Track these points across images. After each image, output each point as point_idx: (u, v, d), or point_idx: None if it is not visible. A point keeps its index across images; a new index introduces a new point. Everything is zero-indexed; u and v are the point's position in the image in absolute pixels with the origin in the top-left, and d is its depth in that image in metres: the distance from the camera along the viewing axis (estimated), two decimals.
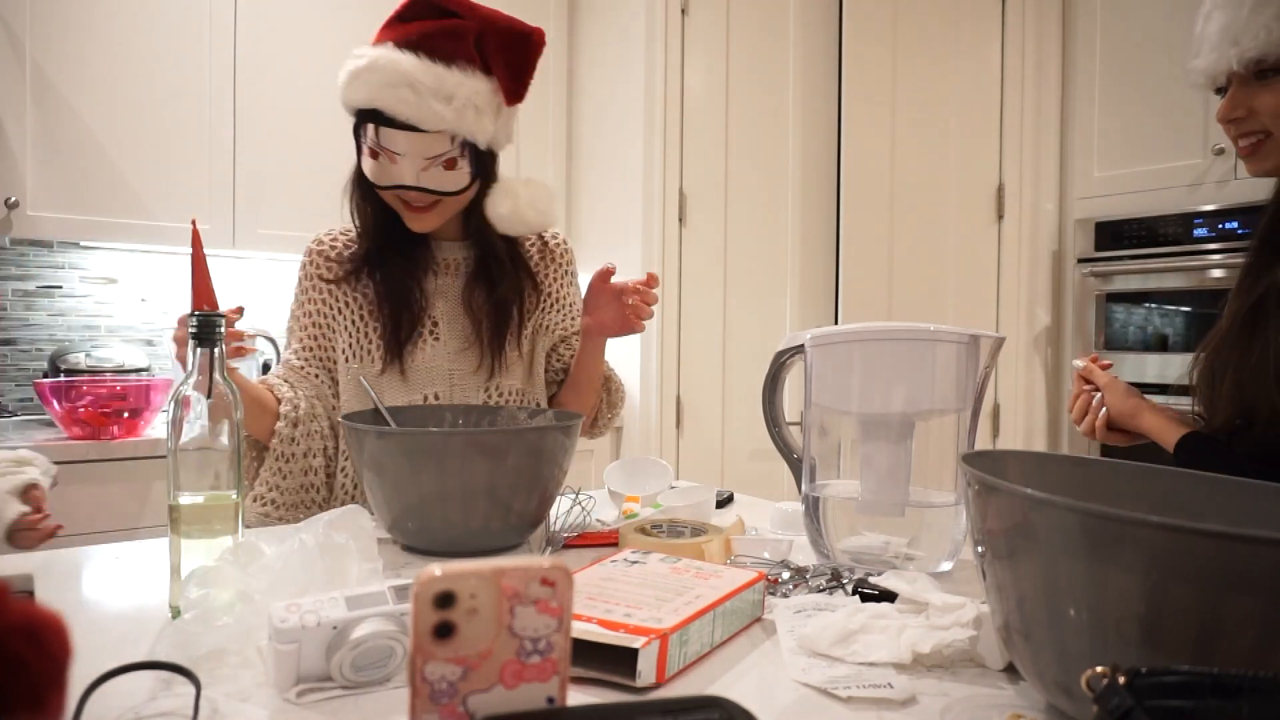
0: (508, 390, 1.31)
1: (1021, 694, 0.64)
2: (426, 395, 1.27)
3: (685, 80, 2.61)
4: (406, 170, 1.17)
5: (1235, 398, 1.04)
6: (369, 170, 1.21)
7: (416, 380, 1.27)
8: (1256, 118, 1.01)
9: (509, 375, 1.31)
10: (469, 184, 1.23)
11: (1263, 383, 1.00)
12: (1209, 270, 2.45)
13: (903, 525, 0.98)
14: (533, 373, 1.36)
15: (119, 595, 0.86)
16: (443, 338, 1.28)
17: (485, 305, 1.29)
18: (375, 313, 1.28)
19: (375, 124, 1.16)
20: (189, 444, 0.77)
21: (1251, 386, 1.01)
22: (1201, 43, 1.05)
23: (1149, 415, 1.21)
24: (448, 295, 1.31)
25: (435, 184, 1.19)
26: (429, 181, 1.19)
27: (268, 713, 0.60)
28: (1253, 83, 1.00)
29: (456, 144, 1.18)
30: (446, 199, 1.22)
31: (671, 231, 2.60)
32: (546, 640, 0.48)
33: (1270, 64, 0.98)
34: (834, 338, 1.02)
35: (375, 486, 0.98)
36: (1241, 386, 1.03)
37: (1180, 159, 2.55)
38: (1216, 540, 0.48)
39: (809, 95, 2.77)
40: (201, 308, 0.94)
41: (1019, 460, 0.77)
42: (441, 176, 1.19)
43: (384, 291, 1.27)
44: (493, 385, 1.30)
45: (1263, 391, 1.00)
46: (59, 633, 0.38)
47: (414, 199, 1.21)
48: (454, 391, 1.28)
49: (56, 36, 2.14)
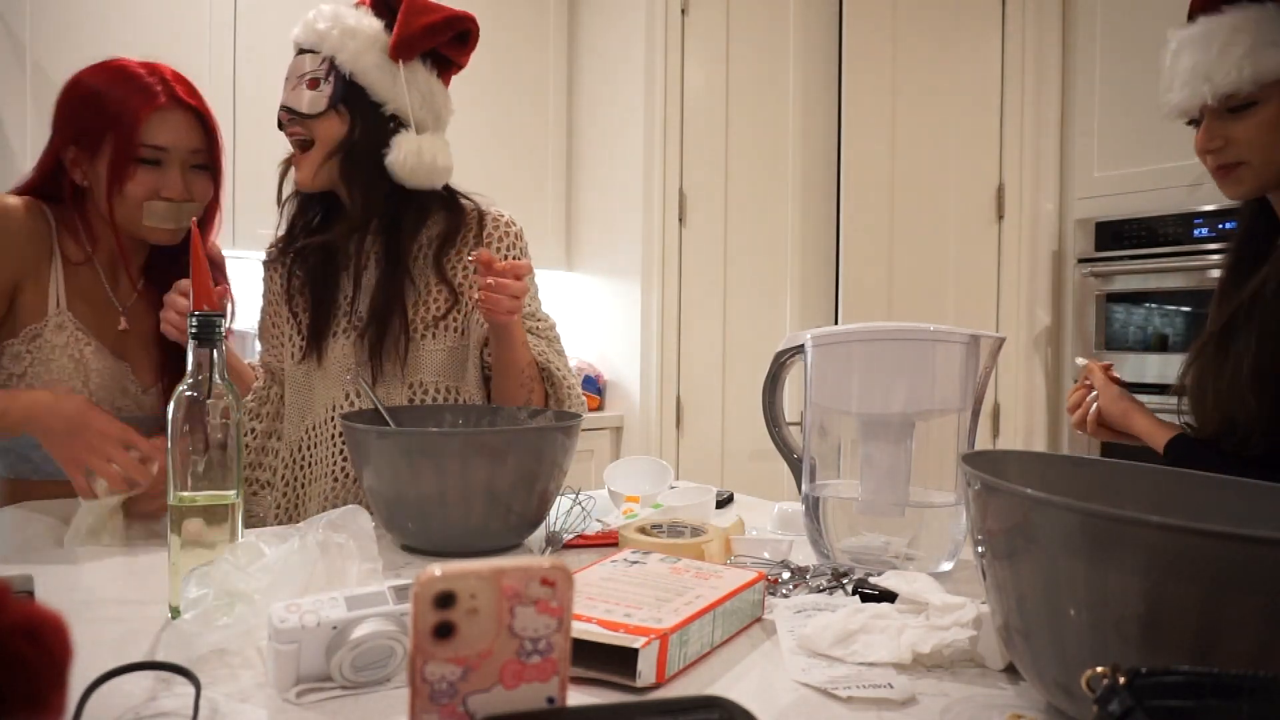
0: (429, 386, 1.26)
1: (1021, 694, 0.64)
2: (346, 391, 1.25)
3: (685, 80, 2.61)
4: (288, 94, 1.23)
5: (1217, 410, 1.09)
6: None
7: (336, 373, 1.26)
8: (1233, 147, 1.09)
9: (425, 369, 1.26)
10: (326, 108, 1.21)
11: (1238, 395, 1.05)
12: (1209, 270, 2.44)
13: (903, 525, 0.98)
14: (456, 367, 1.28)
15: (119, 595, 0.86)
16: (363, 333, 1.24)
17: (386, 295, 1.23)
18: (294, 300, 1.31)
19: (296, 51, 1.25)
20: (189, 444, 0.77)
21: (1229, 399, 1.07)
22: (1173, 78, 1.12)
23: (1139, 417, 1.26)
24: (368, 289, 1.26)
25: (295, 103, 1.22)
26: (292, 101, 1.22)
27: (268, 713, 0.60)
28: (1226, 115, 1.08)
29: (322, 64, 1.21)
30: (315, 133, 1.22)
31: (671, 231, 2.60)
32: (546, 640, 0.48)
33: (1241, 98, 1.06)
34: (834, 338, 1.01)
35: (375, 486, 0.98)
36: (1221, 398, 1.09)
37: (1180, 159, 2.55)
38: (1216, 540, 0.48)
39: (809, 95, 2.77)
40: (201, 308, 0.94)
41: (1019, 460, 0.77)
42: (302, 95, 1.22)
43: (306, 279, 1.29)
44: (413, 380, 1.25)
45: (1240, 403, 1.05)
46: (59, 633, 0.38)
47: (292, 135, 1.24)
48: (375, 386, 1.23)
49: (56, 36, 2.14)
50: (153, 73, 1.20)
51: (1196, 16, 1.11)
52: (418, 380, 1.26)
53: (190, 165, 1.22)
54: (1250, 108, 1.06)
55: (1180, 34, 1.12)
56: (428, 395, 1.26)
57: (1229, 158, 1.10)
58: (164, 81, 1.19)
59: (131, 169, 1.16)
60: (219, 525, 0.78)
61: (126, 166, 1.16)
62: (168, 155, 1.19)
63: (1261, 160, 1.07)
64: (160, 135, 1.17)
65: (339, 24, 1.21)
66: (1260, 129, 1.06)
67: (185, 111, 1.20)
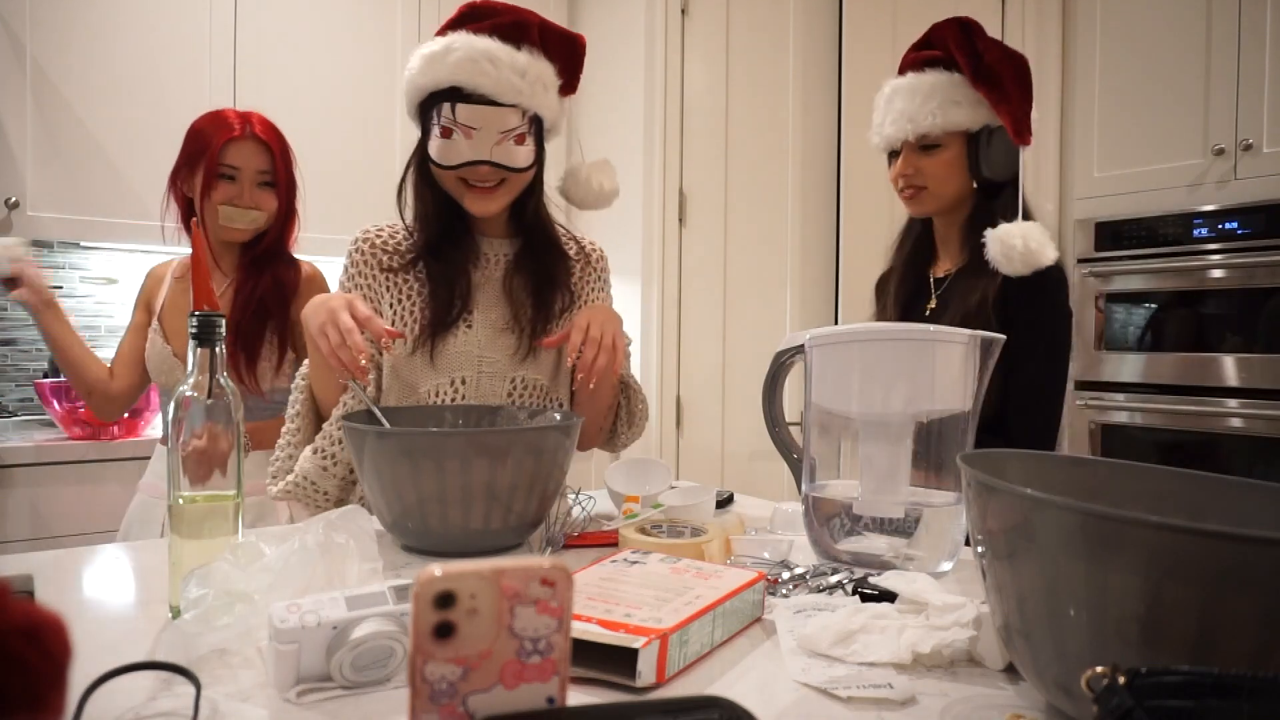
0: (533, 384, 1.30)
1: (1021, 694, 0.64)
2: (454, 379, 1.26)
3: (685, 80, 2.61)
4: (481, 145, 1.20)
5: None
6: (439, 151, 1.21)
7: (445, 364, 1.27)
8: (921, 176, 1.42)
9: (537, 367, 1.31)
10: (534, 162, 1.26)
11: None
12: (1209, 270, 2.45)
13: (902, 525, 0.98)
14: (559, 369, 1.35)
15: (119, 595, 0.86)
16: (476, 326, 1.29)
17: (524, 291, 1.31)
18: (417, 299, 1.29)
19: (452, 101, 1.19)
20: (189, 444, 0.77)
21: None
22: (886, 116, 1.44)
23: None
24: (486, 288, 1.31)
25: (507, 159, 1.21)
26: (501, 156, 1.21)
27: (268, 713, 0.60)
28: (919, 151, 1.41)
29: (526, 119, 1.22)
30: (511, 179, 1.24)
31: (671, 231, 2.60)
32: (546, 640, 0.48)
33: (932, 139, 1.39)
34: (834, 338, 1.02)
35: (375, 486, 0.98)
36: None
37: (1180, 159, 2.55)
38: (1216, 540, 0.48)
39: (809, 95, 2.77)
40: (202, 308, 0.94)
41: (1019, 460, 0.77)
42: (512, 152, 1.22)
43: (436, 276, 1.28)
44: (519, 376, 1.29)
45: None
46: (59, 633, 0.38)
47: (484, 177, 1.22)
48: (480, 379, 1.27)
49: (56, 36, 2.14)
50: (240, 116, 1.65)
51: (906, 72, 1.42)
52: (520, 377, 1.30)
53: (259, 183, 1.63)
54: (937, 148, 1.40)
55: (893, 83, 1.44)
56: (528, 391, 1.30)
57: (917, 183, 1.42)
58: (244, 121, 1.63)
59: (214, 181, 1.60)
60: (219, 525, 0.78)
61: (211, 179, 1.60)
62: (240, 173, 1.61)
63: (939, 188, 1.41)
64: (234, 158, 1.60)
65: (535, 79, 1.22)
66: (941, 166, 1.40)
67: (256, 142, 1.62)
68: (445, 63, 1.19)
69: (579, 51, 1.31)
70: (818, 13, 2.76)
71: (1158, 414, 2.53)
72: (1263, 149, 2.38)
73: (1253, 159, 2.40)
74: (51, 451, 1.93)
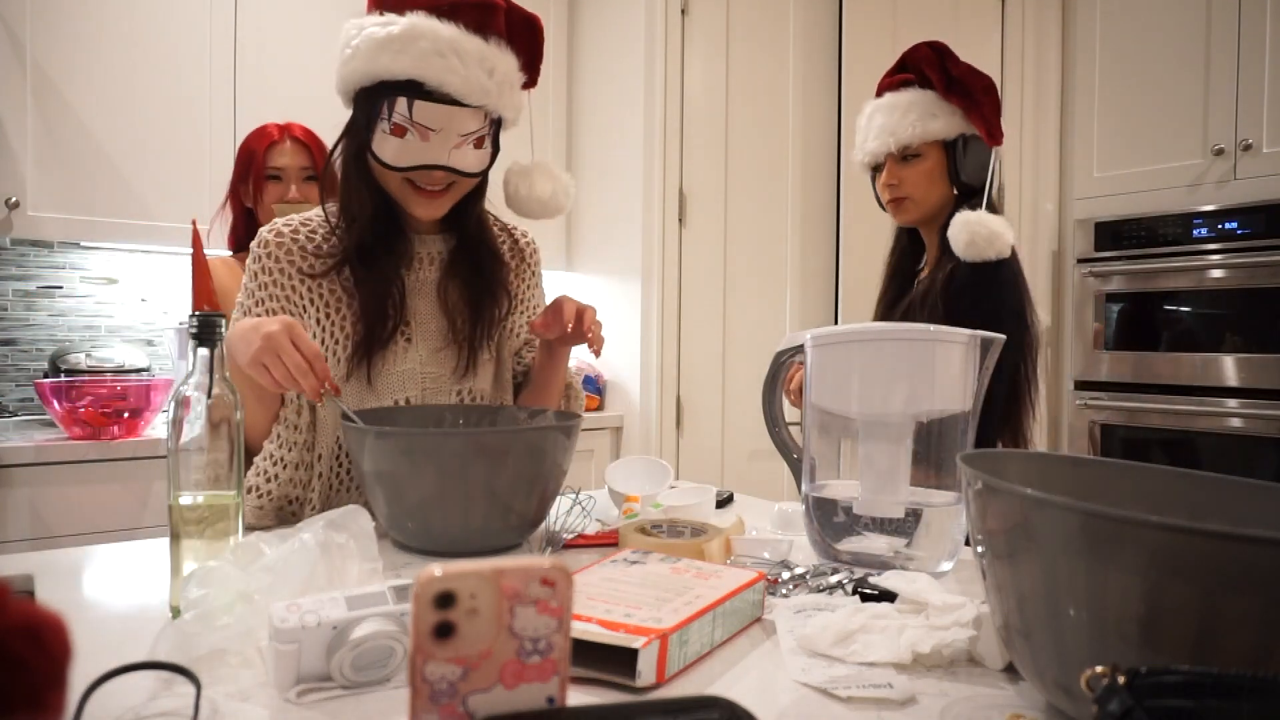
0: (478, 394, 1.24)
1: (1021, 694, 0.64)
2: (397, 401, 1.18)
3: (685, 80, 2.61)
4: (438, 149, 1.08)
5: None
6: (388, 151, 1.08)
7: (386, 386, 1.17)
8: (903, 186, 1.52)
9: (480, 378, 1.24)
10: (489, 165, 1.16)
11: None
12: (1208, 270, 2.45)
13: (903, 525, 0.98)
14: (499, 376, 1.29)
15: (119, 595, 0.86)
16: (415, 339, 1.19)
17: (461, 301, 1.21)
18: (347, 311, 1.16)
19: (409, 97, 1.05)
20: (189, 444, 0.77)
21: None
22: (868, 133, 1.56)
23: None
24: (422, 292, 1.21)
25: (464, 164, 1.10)
26: (457, 161, 1.09)
27: (268, 713, 0.60)
28: (901, 162, 1.52)
29: (489, 121, 1.12)
30: (462, 182, 1.14)
31: (671, 231, 2.60)
32: (546, 640, 0.48)
33: (912, 150, 1.50)
34: (834, 338, 1.02)
35: (375, 486, 0.98)
36: None
37: (1180, 159, 2.55)
38: (1216, 540, 0.48)
39: (809, 95, 2.77)
40: (202, 308, 0.94)
41: (1019, 460, 0.77)
42: (470, 156, 1.11)
43: (365, 291, 1.15)
44: (464, 387, 1.22)
45: None
46: (59, 633, 0.38)
47: (435, 181, 1.11)
48: (424, 396, 1.19)
49: (56, 36, 2.14)
50: (279, 126, 1.90)
51: (884, 93, 1.55)
52: (465, 388, 1.23)
53: (303, 179, 1.86)
54: (917, 158, 1.51)
55: (873, 103, 1.57)
56: (474, 402, 1.24)
57: (900, 193, 1.53)
58: (283, 129, 1.89)
59: (264, 184, 1.86)
60: (219, 525, 0.78)
61: (261, 182, 1.86)
62: (285, 172, 1.86)
63: (921, 197, 1.52)
64: (278, 160, 1.86)
65: (503, 78, 1.10)
66: (922, 175, 1.51)
67: (295, 143, 1.88)
68: (405, 52, 1.04)
69: (540, 38, 1.16)
70: (818, 13, 2.76)
71: (1158, 414, 2.53)
72: (1262, 149, 2.38)
73: (1252, 159, 2.40)
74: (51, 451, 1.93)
